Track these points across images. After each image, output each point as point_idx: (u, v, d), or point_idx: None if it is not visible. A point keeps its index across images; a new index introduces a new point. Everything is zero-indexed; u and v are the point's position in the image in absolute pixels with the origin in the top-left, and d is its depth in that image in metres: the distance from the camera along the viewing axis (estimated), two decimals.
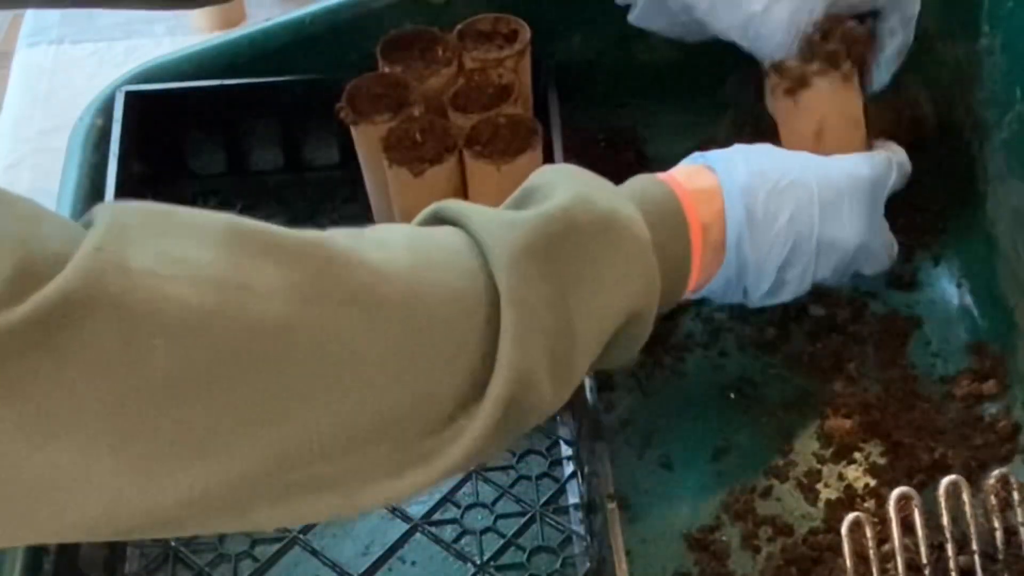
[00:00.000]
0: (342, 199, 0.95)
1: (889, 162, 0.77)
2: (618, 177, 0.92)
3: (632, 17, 0.84)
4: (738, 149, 0.72)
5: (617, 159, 0.95)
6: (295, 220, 0.94)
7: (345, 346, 0.50)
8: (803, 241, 0.71)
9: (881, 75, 0.81)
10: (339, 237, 0.54)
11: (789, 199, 0.70)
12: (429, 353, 0.53)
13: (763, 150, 0.73)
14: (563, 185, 0.61)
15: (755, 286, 0.72)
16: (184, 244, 0.48)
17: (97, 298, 0.45)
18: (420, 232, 0.58)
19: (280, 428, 0.49)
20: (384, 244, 0.55)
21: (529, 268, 0.55)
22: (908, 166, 0.79)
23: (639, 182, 0.68)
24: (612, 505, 0.67)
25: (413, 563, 0.75)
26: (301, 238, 0.51)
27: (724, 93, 0.92)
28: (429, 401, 0.53)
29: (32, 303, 0.43)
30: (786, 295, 0.73)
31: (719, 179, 0.70)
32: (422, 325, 0.53)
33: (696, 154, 0.73)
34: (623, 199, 0.63)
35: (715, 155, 0.71)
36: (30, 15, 1.20)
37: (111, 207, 0.49)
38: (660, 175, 0.69)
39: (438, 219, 0.60)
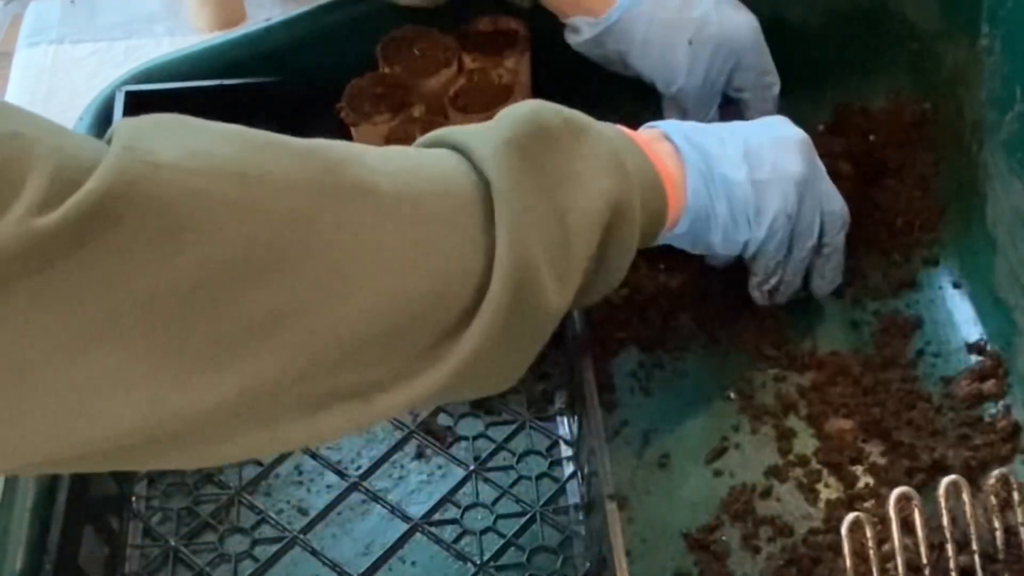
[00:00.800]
0: None
1: None
2: None
3: (574, 42, 0.87)
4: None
5: None
6: None
7: (363, 236, 0.52)
8: (752, 136, 0.76)
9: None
10: (339, 144, 0.56)
11: (720, 124, 0.77)
12: (438, 242, 0.55)
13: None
14: (524, 104, 0.65)
15: (734, 185, 0.74)
16: (203, 141, 0.50)
17: (130, 195, 0.46)
18: (411, 148, 0.62)
19: (310, 322, 0.50)
20: (381, 152, 0.57)
21: (512, 159, 0.59)
22: None
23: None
24: (612, 505, 0.67)
25: (413, 563, 0.75)
26: (305, 141, 0.54)
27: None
28: (441, 294, 0.55)
29: (70, 205, 0.44)
30: (775, 203, 0.75)
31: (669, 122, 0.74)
32: (426, 216, 0.55)
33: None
34: (579, 112, 0.66)
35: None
36: (30, 15, 1.20)
37: (130, 120, 0.50)
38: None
39: (423, 147, 0.63)
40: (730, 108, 0.89)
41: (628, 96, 0.93)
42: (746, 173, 0.74)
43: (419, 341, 0.55)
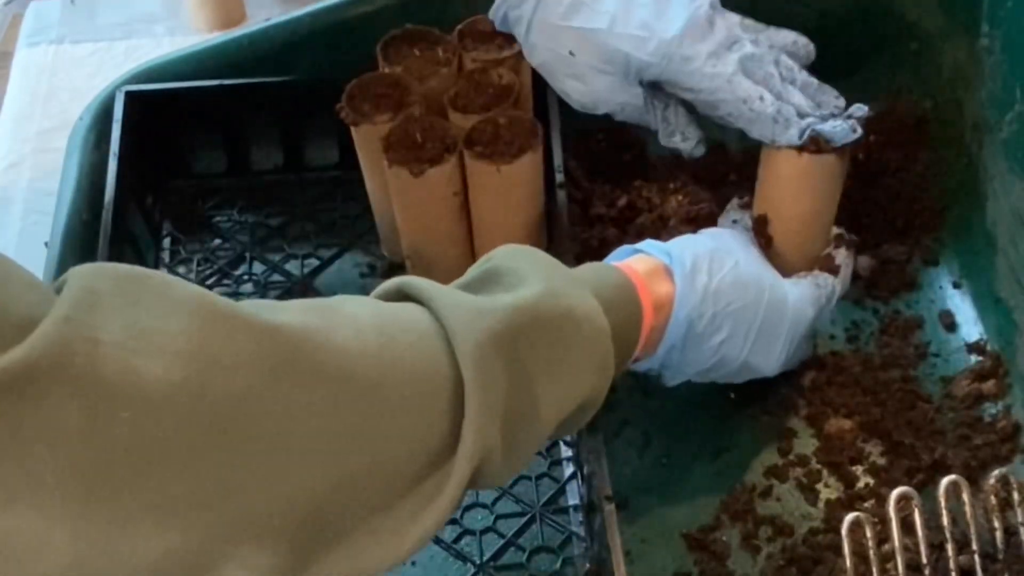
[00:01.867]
0: (342, 199, 0.95)
1: (832, 294, 0.80)
2: (619, 177, 0.93)
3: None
4: (701, 252, 0.72)
5: (617, 159, 0.95)
6: (295, 220, 0.95)
7: (307, 427, 0.51)
8: (728, 360, 0.74)
9: None
10: (311, 315, 0.54)
11: (730, 323, 0.72)
12: (393, 432, 0.54)
13: (728, 252, 0.74)
14: (532, 276, 0.62)
15: (670, 379, 0.74)
16: (154, 315, 0.48)
17: (63, 370, 0.45)
18: (388, 311, 0.58)
19: (239, 499, 0.49)
20: (354, 321, 0.55)
21: (494, 359, 0.56)
22: (842, 291, 0.81)
23: (595, 269, 0.69)
24: (610, 506, 0.67)
25: (413, 563, 0.75)
26: (271, 319, 0.51)
27: None
28: (388, 477, 0.54)
29: None
30: (722, 373, 0.76)
31: (676, 291, 0.70)
32: (386, 404, 0.54)
33: (654, 244, 0.73)
34: (584, 289, 0.64)
35: (677, 256, 0.71)
36: (30, 15, 1.20)
37: (85, 271, 0.49)
38: (619, 264, 0.70)
39: (403, 294, 0.60)
40: None
41: None
42: (711, 363, 0.73)
43: (356, 521, 0.54)
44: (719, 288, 0.71)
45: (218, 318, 0.49)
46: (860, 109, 0.78)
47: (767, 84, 0.77)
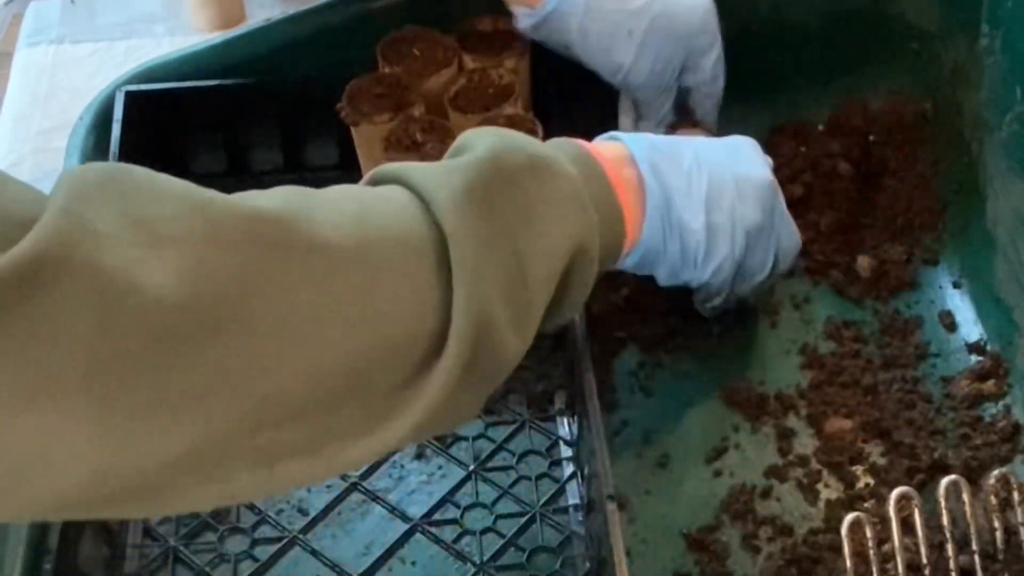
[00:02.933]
0: None
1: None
2: None
3: (521, 28, 0.86)
4: (654, 139, 0.74)
5: None
6: None
7: (311, 294, 0.51)
8: (717, 174, 0.73)
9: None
10: (291, 195, 0.55)
11: (688, 144, 0.74)
12: (387, 296, 0.54)
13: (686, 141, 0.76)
14: (487, 138, 0.63)
15: (689, 231, 0.72)
16: (144, 203, 0.49)
17: (68, 260, 0.45)
18: (365, 191, 0.60)
19: (252, 386, 0.50)
20: (333, 198, 0.56)
21: (470, 208, 0.57)
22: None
23: (554, 140, 0.70)
24: (612, 506, 0.67)
25: (413, 563, 0.75)
26: (254, 203, 0.52)
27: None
28: (393, 348, 0.54)
29: (3, 263, 0.43)
30: (723, 250, 0.74)
31: (640, 162, 0.71)
32: (376, 270, 0.54)
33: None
34: (543, 146, 0.65)
35: (629, 138, 0.73)
36: (30, 15, 1.20)
37: (73, 171, 0.49)
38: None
39: (375, 180, 0.62)
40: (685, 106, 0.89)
41: None
42: (703, 220, 0.72)
43: (371, 397, 0.54)
44: (683, 155, 0.73)
45: (205, 204, 0.50)
46: None
47: None
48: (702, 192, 0.72)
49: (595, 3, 0.83)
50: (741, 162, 0.75)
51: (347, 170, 0.90)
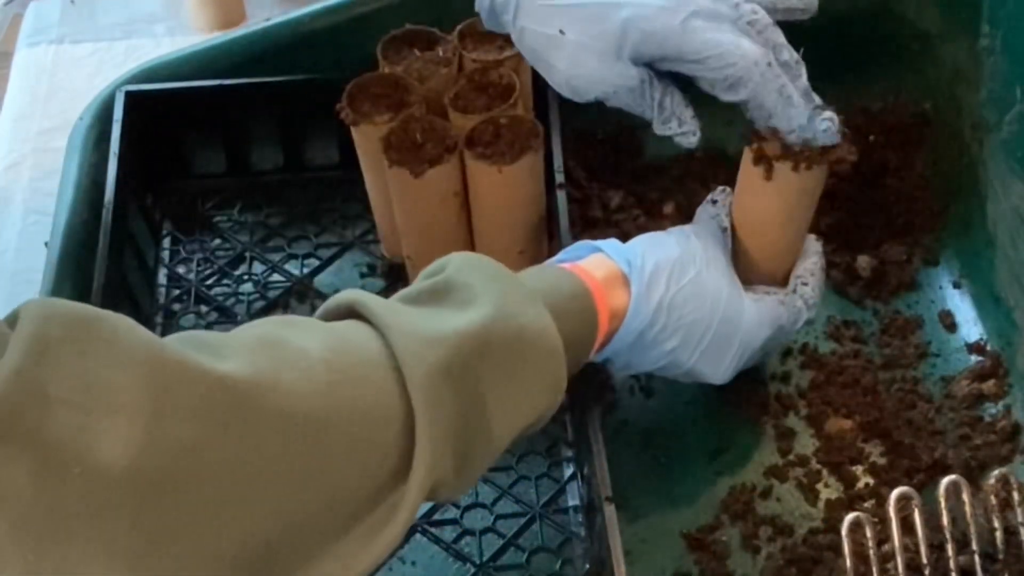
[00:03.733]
0: (342, 199, 0.95)
1: (798, 318, 0.77)
2: (618, 178, 0.93)
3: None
4: (663, 260, 0.71)
5: (617, 159, 0.95)
6: (295, 220, 0.95)
7: (256, 468, 0.51)
8: (676, 365, 0.73)
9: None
10: (260, 355, 0.53)
11: (681, 334, 0.71)
12: (342, 468, 0.54)
13: (691, 261, 0.72)
14: (483, 293, 0.61)
15: (617, 371, 0.75)
16: (103, 364, 0.48)
17: (12, 428, 0.45)
18: (338, 341, 0.57)
19: (191, 543, 0.49)
20: (304, 357, 0.55)
21: (444, 390, 0.57)
22: (810, 315, 0.78)
23: (553, 277, 0.68)
24: (610, 508, 0.67)
25: (413, 563, 0.75)
26: (219, 368, 0.51)
27: None
28: (338, 508, 0.55)
29: None
30: (683, 363, 0.74)
31: (631, 303, 0.70)
32: (337, 443, 0.54)
33: (615, 246, 0.72)
34: (537, 303, 0.63)
35: (637, 265, 0.70)
36: (30, 15, 1.20)
37: (36, 313, 0.48)
38: (579, 269, 0.69)
39: (354, 313, 0.60)
40: None
41: None
42: (671, 346, 0.72)
43: (311, 551, 0.54)
44: (674, 301, 0.71)
45: (167, 368, 0.49)
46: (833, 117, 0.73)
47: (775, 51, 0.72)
48: (647, 369, 0.73)
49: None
50: (713, 363, 0.74)
51: (347, 170, 0.90)
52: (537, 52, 0.75)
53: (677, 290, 0.71)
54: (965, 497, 0.70)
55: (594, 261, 0.71)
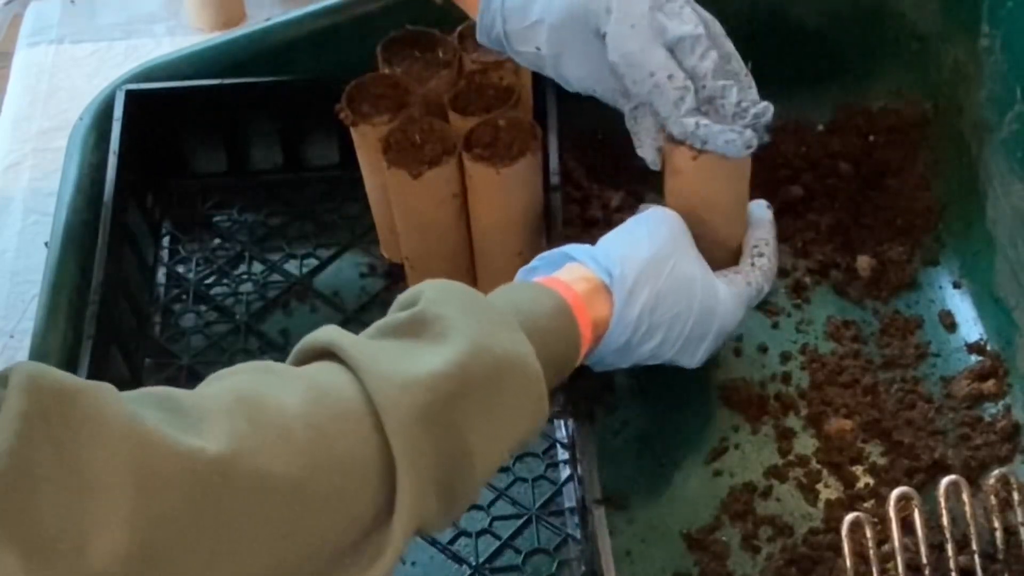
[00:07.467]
0: (342, 199, 0.95)
1: (760, 292, 0.76)
2: (617, 178, 0.93)
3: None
4: (640, 263, 0.70)
5: (617, 159, 0.95)
6: (295, 220, 0.95)
7: (237, 531, 0.52)
8: (654, 360, 0.73)
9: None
10: (238, 420, 0.53)
11: (663, 330, 0.71)
12: (325, 520, 0.55)
13: (666, 256, 0.72)
14: (459, 326, 0.61)
15: (595, 368, 0.73)
16: (83, 443, 0.49)
17: (4, 512, 0.46)
18: (316, 394, 0.57)
19: None
20: (282, 417, 0.55)
21: (423, 435, 0.57)
22: (768, 287, 0.77)
23: (534, 295, 0.67)
24: (600, 511, 0.67)
25: (413, 563, 0.75)
26: (195, 443, 0.51)
27: None
28: (322, 556, 0.55)
29: None
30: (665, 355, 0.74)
31: (614, 317, 0.69)
32: (318, 499, 0.54)
33: (589, 254, 0.71)
34: (514, 329, 0.63)
35: (618, 275, 0.70)
36: (30, 15, 1.20)
37: (24, 384, 0.48)
38: (558, 284, 0.69)
39: (330, 354, 0.60)
40: None
41: None
42: (652, 345, 0.72)
43: None
44: (655, 302, 0.70)
45: (144, 445, 0.50)
46: (767, 110, 0.73)
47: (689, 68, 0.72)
48: (628, 364, 0.73)
49: (509, 11, 0.76)
50: (689, 353, 0.74)
51: (347, 170, 0.90)
52: (538, 67, 0.78)
53: (656, 291, 0.70)
54: (965, 497, 0.70)
55: (571, 272, 0.70)
